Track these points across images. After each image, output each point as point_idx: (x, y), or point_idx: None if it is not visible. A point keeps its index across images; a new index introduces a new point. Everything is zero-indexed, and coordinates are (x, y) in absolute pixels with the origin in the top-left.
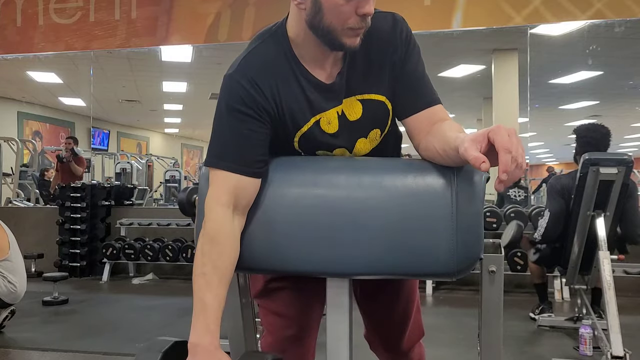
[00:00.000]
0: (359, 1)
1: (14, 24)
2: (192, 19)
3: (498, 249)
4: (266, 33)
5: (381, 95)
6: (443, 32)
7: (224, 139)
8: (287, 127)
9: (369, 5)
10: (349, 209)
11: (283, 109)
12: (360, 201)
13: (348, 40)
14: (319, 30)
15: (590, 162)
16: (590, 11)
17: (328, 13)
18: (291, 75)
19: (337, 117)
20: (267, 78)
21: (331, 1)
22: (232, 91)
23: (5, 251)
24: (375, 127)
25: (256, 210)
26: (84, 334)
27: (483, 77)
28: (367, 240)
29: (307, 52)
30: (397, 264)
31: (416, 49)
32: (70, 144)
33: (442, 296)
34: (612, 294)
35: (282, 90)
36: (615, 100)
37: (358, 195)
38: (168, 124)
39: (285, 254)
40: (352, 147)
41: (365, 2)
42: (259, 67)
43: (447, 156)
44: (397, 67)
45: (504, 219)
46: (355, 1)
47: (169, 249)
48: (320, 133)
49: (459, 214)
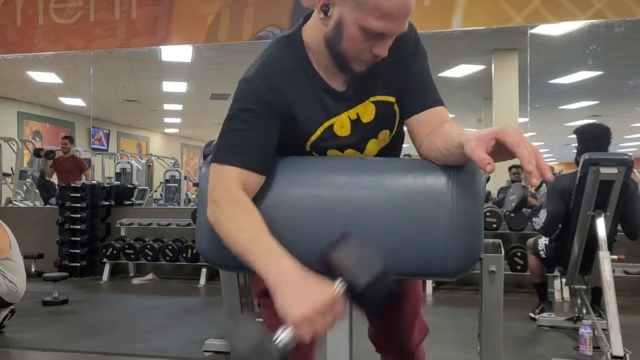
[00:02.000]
0: (375, 42)
1: (14, 24)
2: (192, 19)
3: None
4: (282, 39)
5: (391, 97)
6: (443, 32)
7: (236, 136)
8: (301, 131)
9: (383, 48)
10: (350, 209)
11: (297, 114)
12: (361, 201)
13: (356, 67)
14: (333, 50)
15: (591, 162)
16: (590, 11)
17: (347, 41)
18: (306, 82)
19: (350, 121)
20: (284, 83)
21: (352, 33)
22: (249, 93)
23: (6, 250)
24: (385, 128)
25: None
26: (84, 334)
27: (483, 77)
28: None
29: (322, 59)
30: (398, 264)
31: (423, 52)
32: (67, 144)
33: (442, 296)
34: (612, 294)
35: (298, 95)
36: (615, 100)
37: (359, 195)
38: (168, 124)
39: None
40: (363, 148)
41: (381, 45)
42: (276, 73)
43: (450, 154)
44: (404, 69)
45: (504, 219)
46: (372, 41)
47: (169, 249)
48: (332, 136)
49: (459, 213)
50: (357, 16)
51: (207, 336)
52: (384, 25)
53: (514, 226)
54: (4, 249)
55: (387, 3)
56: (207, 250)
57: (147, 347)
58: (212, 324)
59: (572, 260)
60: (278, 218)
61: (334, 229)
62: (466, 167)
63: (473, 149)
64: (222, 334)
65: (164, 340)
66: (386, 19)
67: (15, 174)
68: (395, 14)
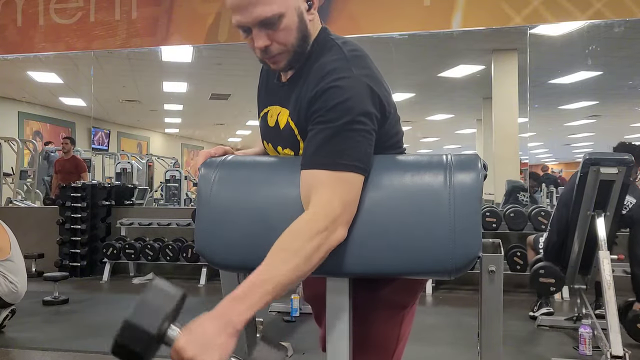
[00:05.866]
0: (250, 36)
1: (14, 24)
2: (192, 19)
3: (498, 249)
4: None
5: (294, 124)
6: (443, 32)
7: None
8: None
9: (255, 41)
10: None
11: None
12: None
13: (271, 66)
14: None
15: (591, 162)
16: (589, 11)
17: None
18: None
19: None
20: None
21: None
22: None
23: (6, 251)
24: (287, 147)
25: (256, 210)
26: (84, 334)
27: (483, 77)
28: (365, 238)
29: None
30: (396, 263)
31: (327, 98)
32: (67, 144)
33: (441, 296)
34: (612, 294)
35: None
36: (614, 100)
37: None
38: (168, 124)
39: None
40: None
41: (253, 38)
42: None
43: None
44: (303, 106)
45: (504, 219)
46: (250, 37)
47: (169, 249)
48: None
49: (456, 211)
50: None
51: None
52: (236, 18)
53: (513, 226)
54: (4, 250)
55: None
56: (206, 250)
57: None
58: None
59: (572, 260)
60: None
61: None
62: (463, 164)
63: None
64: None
65: None
66: (235, 13)
67: (16, 174)
68: (236, 5)
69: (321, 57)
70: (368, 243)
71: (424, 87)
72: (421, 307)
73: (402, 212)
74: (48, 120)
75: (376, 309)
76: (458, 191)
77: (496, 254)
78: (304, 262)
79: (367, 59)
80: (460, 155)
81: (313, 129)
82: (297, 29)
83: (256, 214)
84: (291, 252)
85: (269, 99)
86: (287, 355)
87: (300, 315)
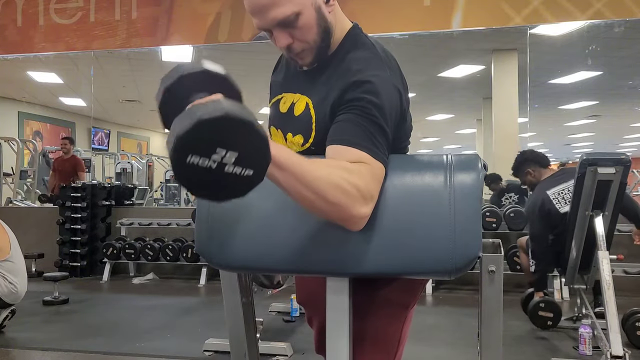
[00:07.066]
0: (272, 36)
1: (14, 24)
2: (192, 19)
3: (498, 249)
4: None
5: (314, 112)
6: (443, 32)
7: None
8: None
9: (277, 40)
10: None
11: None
12: None
13: (298, 62)
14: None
15: (588, 162)
16: (589, 11)
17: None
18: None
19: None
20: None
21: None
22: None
23: (6, 251)
24: (299, 133)
25: (256, 210)
26: (84, 334)
27: (483, 77)
28: (365, 238)
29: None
30: (396, 263)
31: (362, 90)
32: (67, 144)
33: (441, 296)
34: (612, 294)
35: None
36: (614, 100)
37: None
38: None
39: (284, 254)
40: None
41: (277, 39)
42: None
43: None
44: (336, 95)
45: (503, 219)
46: (273, 37)
47: (169, 249)
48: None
49: (456, 212)
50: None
51: (207, 336)
52: (255, 22)
53: (513, 226)
54: (3, 250)
55: (245, 3)
56: (206, 250)
57: (147, 347)
58: (212, 324)
59: (571, 260)
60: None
61: (333, 228)
62: (463, 164)
63: None
64: (222, 334)
65: (164, 340)
66: (254, 17)
67: (16, 174)
68: (253, 10)
69: (355, 50)
70: (368, 243)
71: (424, 87)
72: (421, 307)
73: (402, 212)
74: (48, 120)
75: (377, 309)
76: (458, 191)
77: (496, 254)
78: (323, 188)
79: (396, 62)
80: (461, 156)
81: (347, 114)
82: (317, 24)
83: (256, 213)
84: (324, 171)
85: (285, 86)
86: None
87: (300, 315)
